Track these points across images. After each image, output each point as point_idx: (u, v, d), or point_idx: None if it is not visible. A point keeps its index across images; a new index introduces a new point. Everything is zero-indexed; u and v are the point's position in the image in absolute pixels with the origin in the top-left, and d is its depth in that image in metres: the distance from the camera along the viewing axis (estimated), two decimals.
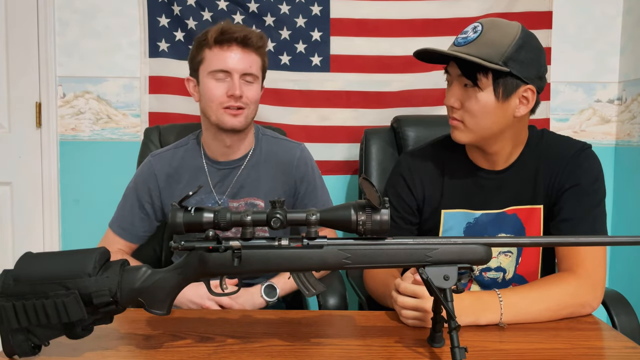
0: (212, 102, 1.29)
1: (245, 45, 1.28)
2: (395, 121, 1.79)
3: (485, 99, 1.03)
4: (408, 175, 1.21)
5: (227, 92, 1.28)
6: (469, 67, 1.02)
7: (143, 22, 2.01)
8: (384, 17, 2.01)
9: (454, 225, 1.17)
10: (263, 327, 0.97)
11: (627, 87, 2.03)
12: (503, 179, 1.14)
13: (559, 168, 1.11)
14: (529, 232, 1.13)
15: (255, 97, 1.33)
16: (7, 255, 2.07)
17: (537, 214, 1.13)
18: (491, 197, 1.15)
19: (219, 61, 1.27)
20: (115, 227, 1.40)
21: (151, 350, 0.87)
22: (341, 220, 0.79)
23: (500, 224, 1.15)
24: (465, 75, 1.04)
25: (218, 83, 1.28)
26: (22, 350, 0.81)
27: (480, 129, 1.07)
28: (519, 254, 1.16)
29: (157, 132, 1.71)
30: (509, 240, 0.92)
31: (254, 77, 1.31)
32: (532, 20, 2.01)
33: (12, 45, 2.02)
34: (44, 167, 2.06)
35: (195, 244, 0.82)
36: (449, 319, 0.78)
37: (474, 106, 1.04)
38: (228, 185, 1.38)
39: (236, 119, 1.29)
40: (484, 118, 1.05)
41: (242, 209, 1.37)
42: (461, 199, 1.17)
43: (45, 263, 0.81)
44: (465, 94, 1.05)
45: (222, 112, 1.29)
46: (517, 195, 1.14)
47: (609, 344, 0.92)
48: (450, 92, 1.08)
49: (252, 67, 1.30)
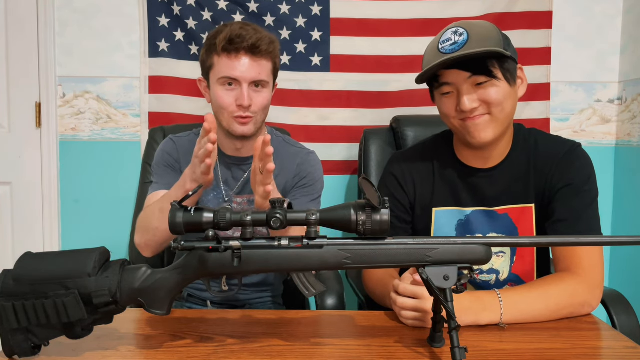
0: (223, 109, 1.28)
1: (255, 53, 1.25)
2: (394, 121, 1.80)
3: (502, 86, 1.07)
4: (399, 174, 1.23)
5: (236, 102, 1.26)
6: (479, 64, 1.04)
7: (143, 22, 2.01)
8: (384, 17, 2.01)
9: (445, 223, 1.18)
10: (263, 327, 0.97)
11: (627, 87, 2.03)
12: (493, 176, 1.16)
13: (551, 167, 1.12)
14: (521, 232, 1.14)
15: (265, 104, 1.31)
16: (7, 255, 2.07)
17: (528, 213, 1.14)
18: (481, 194, 1.16)
19: (227, 69, 1.25)
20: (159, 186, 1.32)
21: (151, 350, 0.87)
22: (341, 220, 0.79)
23: (492, 223, 1.16)
24: (479, 73, 1.05)
25: (227, 92, 1.27)
26: (22, 350, 0.81)
27: (505, 117, 1.09)
28: (512, 254, 1.17)
29: (161, 133, 1.74)
30: (509, 240, 0.91)
31: (264, 82, 1.28)
32: (532, 20, 2.01)
33: (12, 45, 2.02)
34: (44, 167, 2.06)
35: (195, 244, 0.82)
36: (449, 319, 0.78)
37: (496, 97, 1.06)
38: (236, 182, 1.39)
39: (246, 127, 1.29)
40: (507, 104, 1.08)
41: (244, 204, 1.37)
42: (451, 197, 1.18)
43: (45, 263, 0.81)
44: (483, 91, 1.06)
45: (232, 120, 1.28)
46: (508, 193, 1.15)
47: (609, 344, 0.92)
48: (466, 97, 1.06)
49: (262, 73, 1.27)
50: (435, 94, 1.15)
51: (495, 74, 1.05)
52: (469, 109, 1.06)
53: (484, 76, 1.05)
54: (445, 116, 1.13)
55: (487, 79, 1.05)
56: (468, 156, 1.18)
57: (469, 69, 1.05)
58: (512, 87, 1.08)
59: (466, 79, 1.05)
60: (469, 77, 1.05)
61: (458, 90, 1.07)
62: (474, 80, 1.06)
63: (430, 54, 1.09)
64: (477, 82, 1.06)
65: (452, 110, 1.10)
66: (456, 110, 1.09)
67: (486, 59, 1.04)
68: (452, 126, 1.14)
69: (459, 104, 1.07)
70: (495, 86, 1.06)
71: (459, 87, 1.07)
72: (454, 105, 1.09)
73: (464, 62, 1.04)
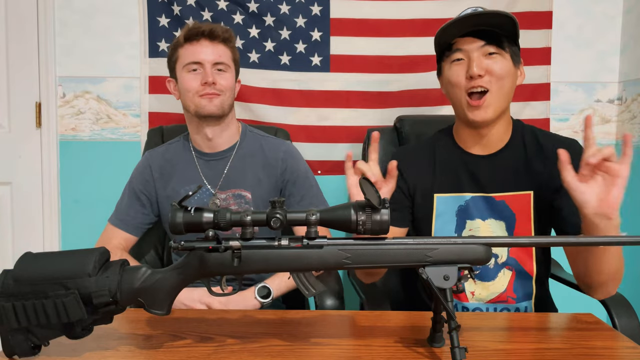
0: (189, 92, 1.39)
1: (213, 37, 1.39)
2: (398, 121, 1.79)
3: (507, 63, 1.15)
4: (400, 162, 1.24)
5: (201, 81, 1.37)
6: (492, 35, 1.14)
7: (143, 22, 2.01)
8: (384, 17, 2.01)
9: (446, 209, 1.22)
10: (263, 327, 0.97)
11: (627, 87, 2.03)
12: (492, 163, 1.20)
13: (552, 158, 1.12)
14: (519, 219, 1.18)
15: (230, 85, 1.42)
16: (7, 255, 2.07)
17: (526, 200, 1.18)
18: (480, 180, 1.20)
19: (191, 54, 1.38)
20: (113, 219, 1.47)
21: (151, 350, 0.87)
22: (341, 220, 0.79)
23: (491, 209, 1.19)
24: (491, 43, 1.14)
25: (193, 75, 1.38)
26: (22, 350, 0.81)
27: (503, 96, 1.15)
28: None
29: (160, 133, 1.74)
30: (509, 240, 0.92)
31: (225, 65, 1.40)
32: (532, 20, 2.01)
33: (12, 46, 2.02)
34: (44, 167, 2.06)
35: (195, 244, 0.82)
36: (449, 319, 0.78)
37: (500, 70, 1.14)
38: (218, 177, 1.44)
39: (212, 103, 1.38)
40: (507, 81, 1.15)
41: (229, 199, 1.42)
42: (452, 183, 1.22)
43: (45, 263, 0.81)
44: (491, 62, 1.14)
45: (199, 98, 1.38)
46: (506, 180, 1.18)
47: (609, 344, 0.91)
48: (474, 63, 1.13)
49: (222, 56, 1.40)
50: (444, 65, 1.20)
51: (504, 46, 1.14)
52: (477, 74, 1.13)
53: (494, 46, 1.13)
54: (452, 86, 1.18)
55: (497, 50, 1.14)
56: (468, 142, 1.22)
57: (482, 37, 1.13)
58: (515, 70, 1.17)
59: (479, 47, 1.14)
60: (482, 45, 1.13)
61: (469, 57, 1.15)
62: (485, 50, 1.14)
63: (448, 25, 1.16)
64: (488, 51, 1.14)
65: (461, 78, 1.16)
66: (465, 77, 1.15)
67: (498, 33, 1.13)
68: (457, 100, 1.18)
69: (468, 69, 1.14)
70: (502, 60, 1.14)
71: (470, 54, 1.14)
72: (463, 72, 1.15)
73: (479, 32, 1.13)
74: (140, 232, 1.48)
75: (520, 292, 1.20)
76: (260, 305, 1.28)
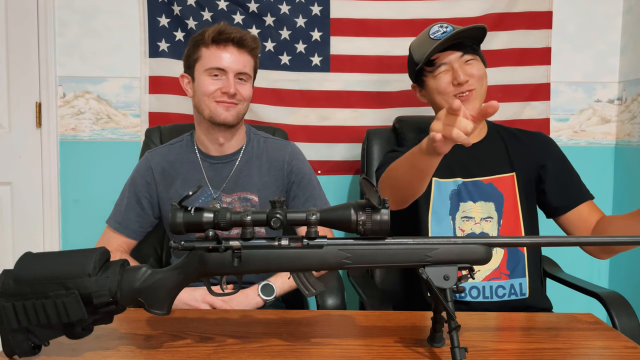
0: (206, 96, 1.35)
1: (241, 46, 1.36)
2: (397, 121, 1.80)
3: (481, 65, 1.33)
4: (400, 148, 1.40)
5: (221, 89, 1.34)
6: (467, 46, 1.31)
7: (143, 22, 2.01)
8: (384, 17, 2.01)
9: (442, 192, 1.33)
10: (263, 327, 0.97)
11: (627, 87, 2.03)
12: (477, 150, 1.34)
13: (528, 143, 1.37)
14: (506, 198, 1.32)
15: (248, 95, 1.40)
16: (7, 255, 2.07)
17: (511, 181, 1.33)
18: (469, 167, 1.34)
19: (215, 59, 1.34)
20: (112, 222, 1.44)
21: (151, 350, 0.87)
22: (341, 220, 0.79)
23: (480, 192, 1.32)
24: (468, 52, 1.30)
25: (214, 80, 1.35)
26: (22, 350, 0.81)
27: (483, 92, 1.33)
28: (499, 217, 1.32)
29: (158, 132, 1.73)
30: (509, 240, 0.91)
31: (247, 76, 1.38)
32: (532, 20, 2.01)
33: (12, 45, 2.02)
34: (44, 167, 2.06)
35: (195, 244, 0.82)
36: (449, 319, 0.78)
37: (479, 72, 1.31)
38: (223, 180, 1.41)
39: (229, 113, 1.35)
40: (485, 79, 1.33)
41: (235, 203, 1.40)
42: (446, 169, 1.32)
43: (45, 263, 0.81)
44: (469, 67, 1.30)
45: (216, 105, 1.35)
46: (489, 165, 1.34)
47: (609, 344, 0.92)
48: (460, 72, 1.28)
49: (246, 66, 1.37)
50: (427, 80, 1.35)
51: (477, 52, 1.33)
52: (464, 80, 1.28)
53: (471, 54, 1.31)
54: (440, 93, 1.32)
55: (473, 57, 1.31)
56: None
57: (460, 49, 1.30)
58: (484, 69, 1.35)
59: (458, 57, 1.30)
60: (461, 56, 1.30)
61: (452, 67, 1.30)
62: (464, 59, 1.30)
63: (424, 44, 1.32)
64: (466, 60, 1.31)
65: (449, 85, 1.30)
66: (452, 84, 1.30)
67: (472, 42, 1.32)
68: (446, 103, 1.28)
69: (455, 77, 1.29)
70: (477, 64, 1.32)
71: (452, 64, 1.30)
72: (450, 79, 1.30)
73: (456, 44, 1.30)
74: (139, 236, 1.45)
75: (513, 268, 1.28)
76: (263, 303, 1.27)
